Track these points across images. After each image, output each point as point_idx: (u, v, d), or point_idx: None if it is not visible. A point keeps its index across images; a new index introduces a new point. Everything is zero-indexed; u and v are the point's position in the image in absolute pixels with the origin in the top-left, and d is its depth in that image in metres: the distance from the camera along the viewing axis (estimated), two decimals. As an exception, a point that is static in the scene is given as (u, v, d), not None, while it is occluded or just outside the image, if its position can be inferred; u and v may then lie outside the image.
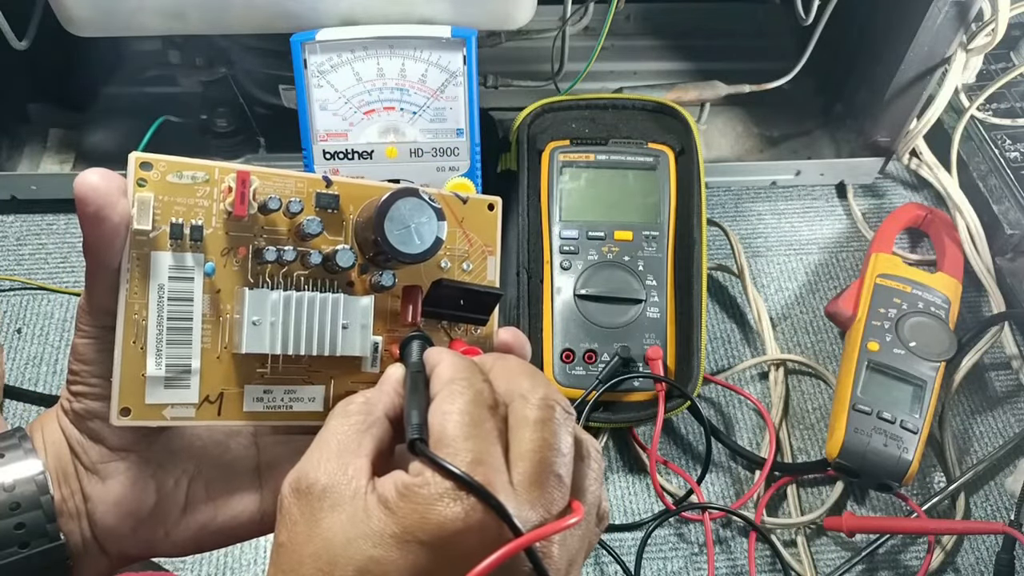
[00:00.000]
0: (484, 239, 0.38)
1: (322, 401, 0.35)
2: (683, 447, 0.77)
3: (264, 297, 0.33)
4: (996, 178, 0.90)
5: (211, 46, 0.81)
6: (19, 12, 0.72)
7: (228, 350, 0.33)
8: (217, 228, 0.33)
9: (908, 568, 0.72)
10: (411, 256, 0.34)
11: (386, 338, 0.36)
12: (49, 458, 0.34)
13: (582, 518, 0.28)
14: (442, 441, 0.28)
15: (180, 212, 0.32)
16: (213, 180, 0.32)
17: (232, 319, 0.33)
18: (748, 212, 0.94)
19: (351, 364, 0.35)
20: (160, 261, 0.32)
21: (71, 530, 0.33)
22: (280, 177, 0.34)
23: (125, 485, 0.34)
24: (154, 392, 0.32)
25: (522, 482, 0.28)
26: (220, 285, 0.33)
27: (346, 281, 0.35)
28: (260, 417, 0.34)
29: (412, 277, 0.36)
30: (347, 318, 0.34)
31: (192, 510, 0.35)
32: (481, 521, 0.27)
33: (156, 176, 0.32)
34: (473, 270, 0.37)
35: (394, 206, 0.33)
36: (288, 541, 0.29)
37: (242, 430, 0.37)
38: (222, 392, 0.33)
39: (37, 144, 0.90)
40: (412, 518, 0.27)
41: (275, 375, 0.34)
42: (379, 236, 0.33)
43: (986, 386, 0.82)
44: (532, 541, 0.27)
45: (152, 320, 0.32)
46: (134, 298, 0.31)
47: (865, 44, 0.89)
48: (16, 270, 0.84)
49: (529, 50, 0.87)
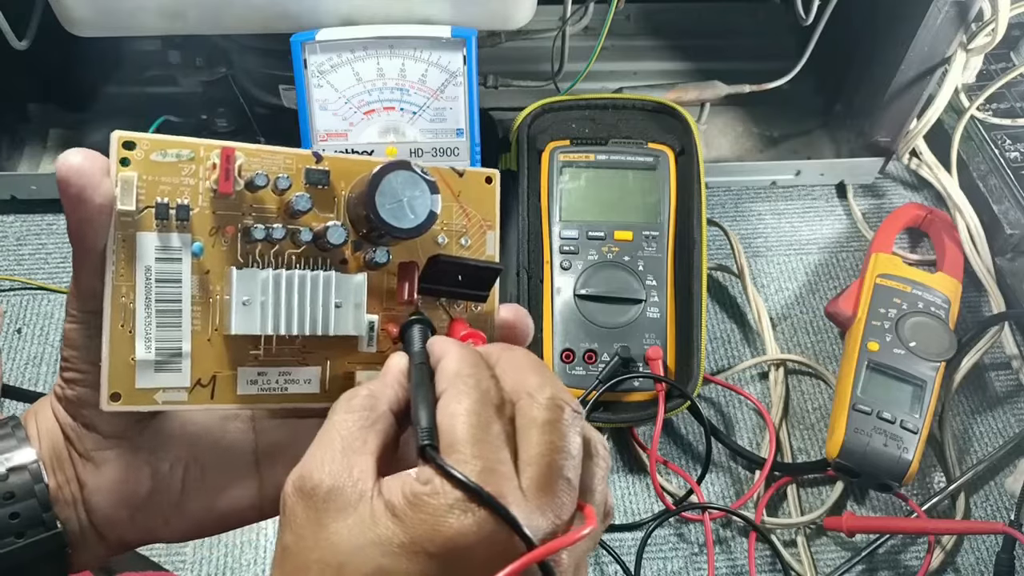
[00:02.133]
0: (482, 213, 0.36)
1: (318, 383, 0.34)
2: (683, 447, 0.77)
3: (253, 276, 0.32)
4: (996, 178, 0.90)
5: (211, 46, 0.81)
6: (19, 12, 0.72)
7: (219, 332, 0.32)
8: (204, 207, 0.32)
9: (908, 568, 0.72)
10: (404, 231, 0.32)
11: (382, 317, 0.35)
12: (43, 446, 0.33)
13: (596, 528, 0.28)
14: (452, 447, 0.28)
15: (165, 191, 0.31)
16: (198, 158, 0.31)
17: (222, 300, 0.32)
18: (748, 212, 0.94)
19: (347, 344, 0.34)
20: (146, 242, 0.31)
21: (67, 517, 0.33)
22: (268, 153, 0.32)
23: (119, 472, 0.34)
24: (144, 376, 0.31)
25: (531, 487, 0.28)
26: (209, 265, 0.32)
27: (339, 259, 0.34)
28: (255, 400, 0.33)
29: (408, 253, 0.35)
30: (339, 296, 0.33)
31: (190, 496, 0.35)
32: (492, 533, 0.26)
33: (139, 155, 0.31)
34: (471, 245, 0.36)
35: (385, 179, 0.32)
36: (293, 544, 0.28)
37: (239, 414, 0.36)
38: (215, 375, 0.32)
39: (37, 144, 0.90)
40: (422, 529, 0.26)
41: (269, 357, 0.33)
42: (370, 211, 0.32)
43: (986, 386, 0.82)
44: (545, 556, 0.26)
45: (140, 303, 0.31)
46: (121, 281, 0.31)
47: (865, 44, 0.89)
48: (16, 270, 0.84)
49: (529, 50, 0.87)
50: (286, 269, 0.33)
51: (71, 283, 0.32)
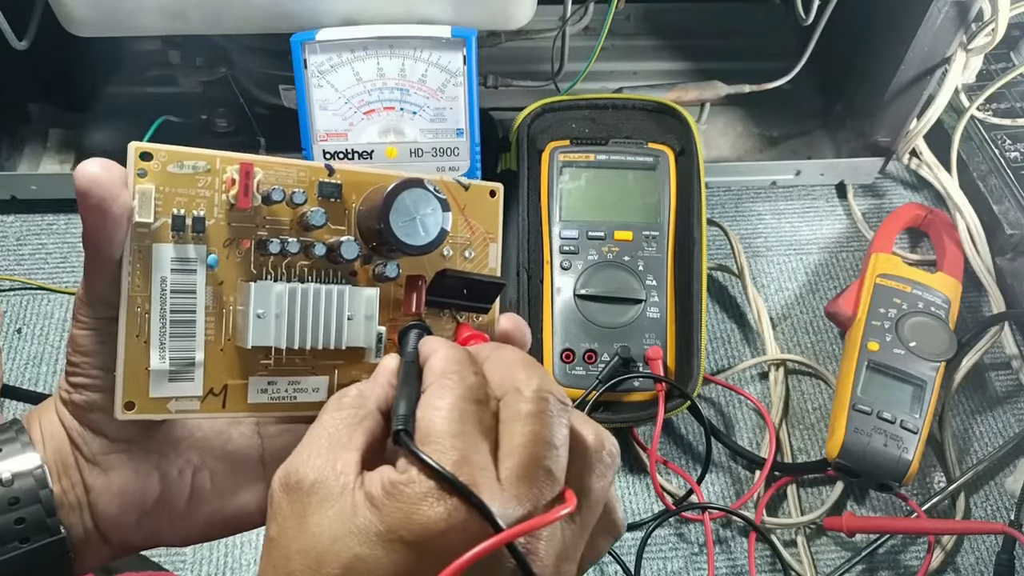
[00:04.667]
0: (486, 226, 0.37)
1: (326, 392, 0.35)
2: (683, 447, 0.77)
3: (269, 289, 0.32)
4: (996, 178, 0.90)
5: (211, 46, 0.81)
6: (19, 12, 0.72)
7: (232, 342, 0.33)
8: (219, 219, 0.32)
9: (908, 568, 0.72)
10: (417, 248, 0.33)
11: (389, 328, 0.35)
12: (48, 451, 0.33)
13: (572, 509, 0.28)
14: (429, 437, 0.28)
15: (182, 203, 0.31)
16: (214, 170, 0.32)
17: (235, 311, 0.33)
18: (748, 212, 0.94)
19: (355, 354, 0.35)
20: (162, 253, 0.31)
21: (72, 522, 0.33)
22: (282, 166, 0.33)
23: (128, 476, 0.34)
24: (158, 386, 0.32)
25: (509, 478, 0.28)
26: (223, 277, 0.32)
27: (349, 271, 0.35)
28: (265, 409, 0.34)
29: (415, 267, 0.36)
30: (352, 309, 0.34)
31: (198, 501, 0.35)
32: (465, 521, 0.26)
33: (156, 167, 0.31)
34: (475, 258, 0.37)
35: (399, 197, 0.33)
36: (278, 536, 0.29)
37: (244, 420, 0.37)
38: (226, 384, 0.33)
39: (37, 144, 0.90)
40: (396, 516, 0.27)
41: (279, 367, 0.34)
42: (384, 228, 0.33)
43: (986, 386, 0.82)
44: (512, 537, 0.26)
45: (155, 313, 0.31)
46: (136, 291, 0.31)
47: (865, 44, 0.89)
48: (16, 270, 0.84)
49: (529, 50, 0.87)
50: (300, 282, 0.33)
51: (81, 288, 0.32)
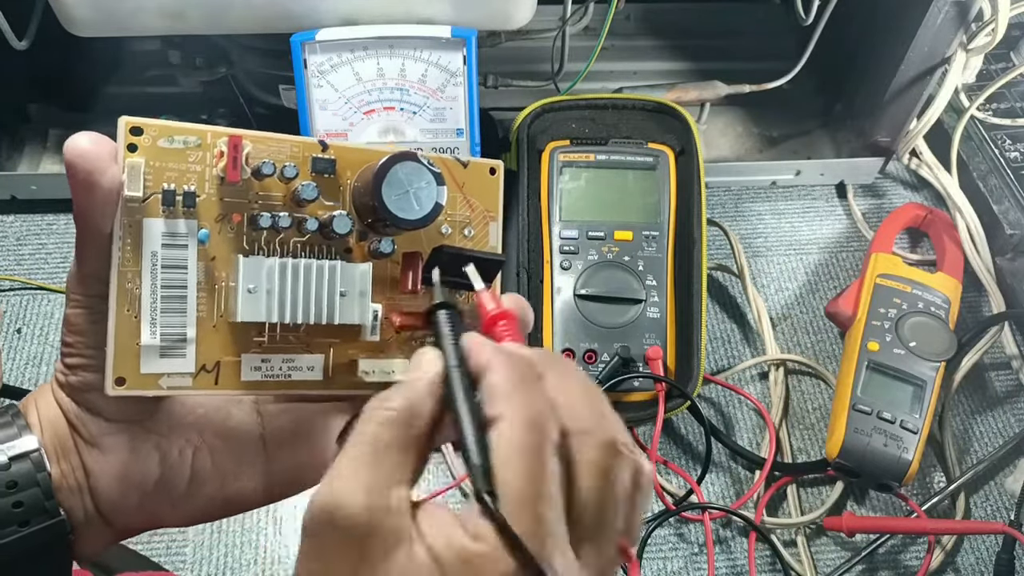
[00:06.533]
0: (486, 204, 0.36)
1: (321, 370, 0.34)
2: (683, 447, 0.77)
3: (259, 264, 0.32)
4: (996, 178, 0.90)
5: (211, 46, 0.81)
6: (19, 12, 0.72)
7: (224, 319, 0.32)
8: (210, 194, 0.32)
9: (908, 568, 0.72)
10: (410, 222, 0.33)
11: (385, 305, 0.35)
12: (46, 434, 0.33)
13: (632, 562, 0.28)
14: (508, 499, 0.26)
15: (172, 178, 0.31)
16: (205, 144, 0.32)
17: (227, 287, 0.32)
18: (748, 212, 0.94)
19: (350, 332, 0.35)
20: (152, 228, 0.31)
21: (72, 505, 0.33)
22: (275, 141, 0.33)
23: (128, 457, 0.33)
24: (149, 361, 0.31)
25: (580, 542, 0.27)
26: (215, 252, 0.32)
27: (344, 248, 0.34)
28: (258, 386, 0.34)
29: (412, 243, 0.35)
30: (345, 285, 0.33)
31: (199, 481, 0.35)
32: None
33: (147, 141, 0.31)
34: (475, 236, 0.36)
35: (392, 170, 0.32)
36: None
37: (243, 399, 0.36)
38: (219, 361, 0.33)
39: (37, 144, 0.89)
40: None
41: (273, 344, 0.34)
42: (377, 201, 0.32)
43: (986, 386, 0.82)
44: None
45: (146, 288, 0.31)
46: (127, 266, 0.31)
47: (865, 44, 0.89)
48: (16, 270, 0.84)
49: (529, 50, 0.87)
50: (292, 257, 0.33)
51: (73, 267, 0.32)
